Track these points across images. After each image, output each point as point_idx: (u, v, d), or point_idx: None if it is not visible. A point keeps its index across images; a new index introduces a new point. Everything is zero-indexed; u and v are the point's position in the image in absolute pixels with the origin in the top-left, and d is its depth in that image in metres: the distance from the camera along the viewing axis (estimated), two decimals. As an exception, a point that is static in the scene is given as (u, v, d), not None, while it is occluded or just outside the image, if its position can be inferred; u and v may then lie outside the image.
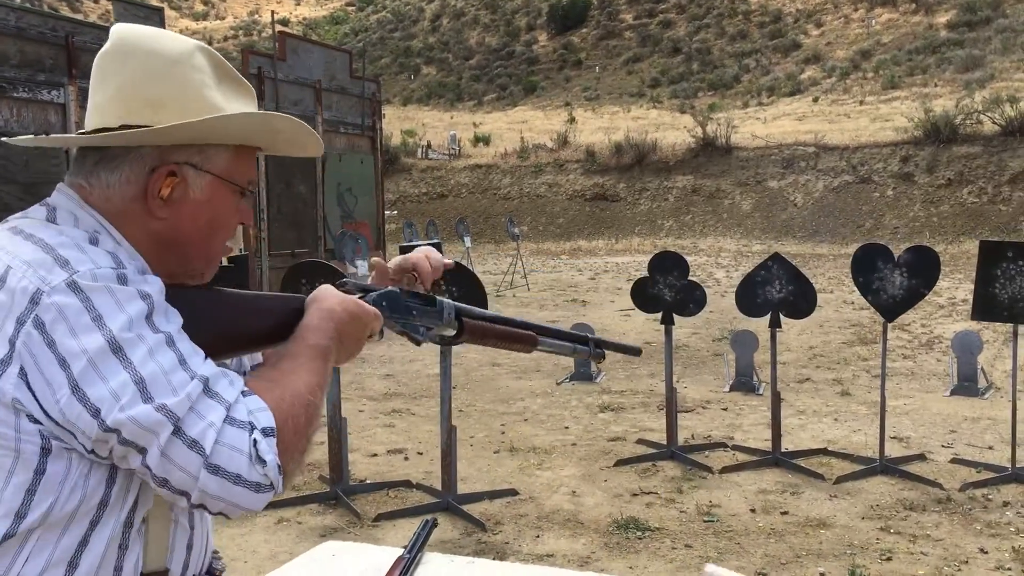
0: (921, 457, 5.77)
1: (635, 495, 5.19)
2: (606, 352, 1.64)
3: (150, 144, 1.19)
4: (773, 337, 5.75)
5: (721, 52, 53.68)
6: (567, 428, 6.78)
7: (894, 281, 5.37)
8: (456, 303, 1.39)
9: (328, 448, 5.27)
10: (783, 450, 5.75)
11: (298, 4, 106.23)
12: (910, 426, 6.64)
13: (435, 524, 2.13)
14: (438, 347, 5.04)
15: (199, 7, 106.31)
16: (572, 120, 39.57)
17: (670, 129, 33.60)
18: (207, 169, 1.22)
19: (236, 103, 1.24)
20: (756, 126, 32.46)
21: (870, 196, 24.92)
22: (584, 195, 29.24)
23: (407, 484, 5.41)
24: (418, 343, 1.39)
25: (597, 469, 5.71)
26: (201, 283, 1.29)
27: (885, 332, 5.67)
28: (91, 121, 1.22)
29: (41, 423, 1.06)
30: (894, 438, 6.21)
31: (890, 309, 5.44)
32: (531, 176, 30.75)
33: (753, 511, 4.90)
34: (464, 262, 6.96)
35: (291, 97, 12.08)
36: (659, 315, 5.96)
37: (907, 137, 25.65)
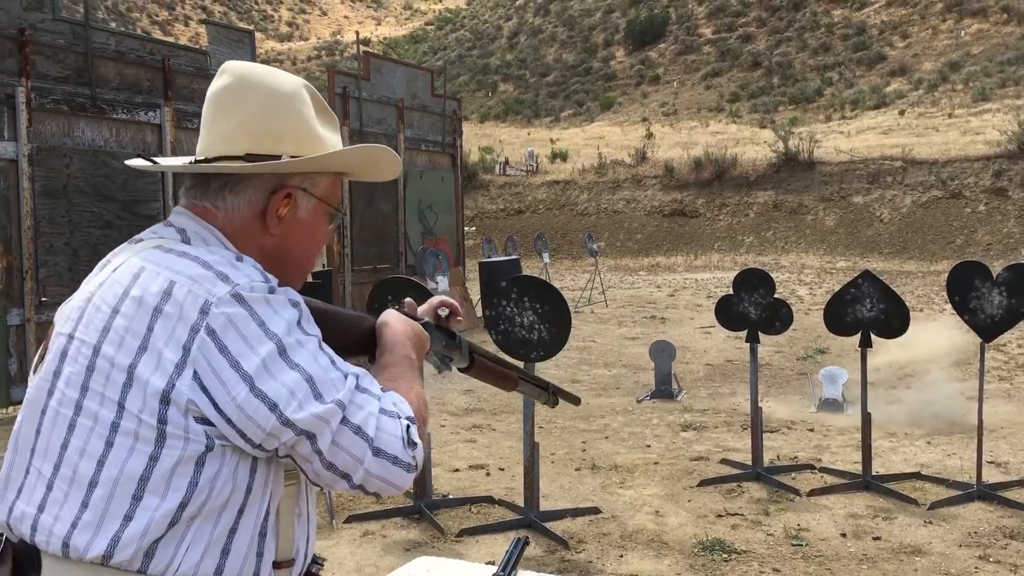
0: (1021, 483, 5.54)
1: (720, 516, 5.10)
2: (559, 399, 1.85)
3: (278, 172, 1.33)
4: (863, 357, 5.60)
5: (803, 65, 52.82)
6: (649, 446, 6.72)
7: (992, 300, 5.18)
8: (469, 341, 1.60)
9: (412, 462, 5.31)
10: (874, 473, 5.59)
11: (379, 24, 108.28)
12: (1008, 450, 6.39)
13: (527, 542, 2.13)
14: (519, 363, 5.06)
15: (284, 28, 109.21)
16: (650, 135, 39.37)
17: (750, 144, 33.15)
18: (313, 192, 1.38)
19: (331, 134, 1.40)
20: (840, 140, 31.81)
21: (961, 212, 24.15)
22: (662, 211, 29.01)
23: (489, 500, 5.42)
24: (440, 371, 1.60)
25: (680, 489, 5.63)
26: None
27: (982, 352, 5.47)
28: (213, 148, 1.34)
29: (208, 424, 1.18)
30: (991, 463, 5.98)
31: (988, 329, 5.25)
32: (609, 192, 30.65)
33: (844, 536, 4.77)
34: (543, 278, 6.93)
35: (375, 116, 12.29)
36: (742, 333, 5.87)
37: (1000, 151, 24.81)
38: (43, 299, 7.42)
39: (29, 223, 7.38)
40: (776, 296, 5.80)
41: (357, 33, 17.47)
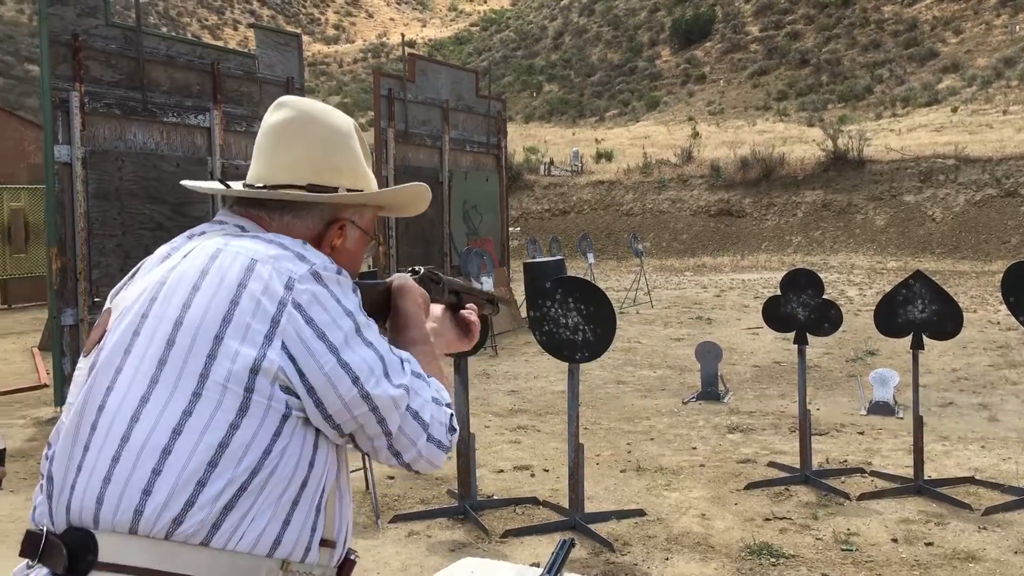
0: (1080, 489, 5.39)
1: (767, 520, 5.04)
2: (498, 307, 2.00)
3: (339, 203, 1.46)
4: (915, 359, 5.49)
5: (852, 63, 52.03)
6: (695, 448, 6.65)
7: (1050, 301, 5.04)
8: (449, 278, 1.72)
9: (457, 463, 5.33)
10: (926, 477, 5.48)
11: (424, 26, 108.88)
12: (1066, 456, 6.22)
13: (573, 544, 2.12)
14: (564, 364, 5.05)
15: (330, 31, 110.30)
16: (696, 135, 39.06)
17: (798, 143, 32.73)
18: (359, 224, 1.51)
19: (370, 171, 1.52)
20: (890, 138, 31.27)
21: (1016, 211, 23.60)
22: (709, 211, 28.76)
23: (534, 501, 5.41)
24: None
25: (727, 492, 5.57)
26: None
27: (1039, 355, 5.33)
28: (276, 175, 1.44)
29: (291, 394, 1.26)
30: (1049, 468, 5.83)
31: (1045, 331, 5.11)
32: (654, 192, 30.46)
33: (895, 541, 4.68)
34: (587, 279, 6.88)
35: (420, 117, 12.35)
36: (790, 334, 5.79)
37: (1057, 148, 24.21)
38: (95, 300, 7.57)
39: (82, 225, 7.53)
40: (825, 297, 5.71)
41: (403, 35, 17.59)
